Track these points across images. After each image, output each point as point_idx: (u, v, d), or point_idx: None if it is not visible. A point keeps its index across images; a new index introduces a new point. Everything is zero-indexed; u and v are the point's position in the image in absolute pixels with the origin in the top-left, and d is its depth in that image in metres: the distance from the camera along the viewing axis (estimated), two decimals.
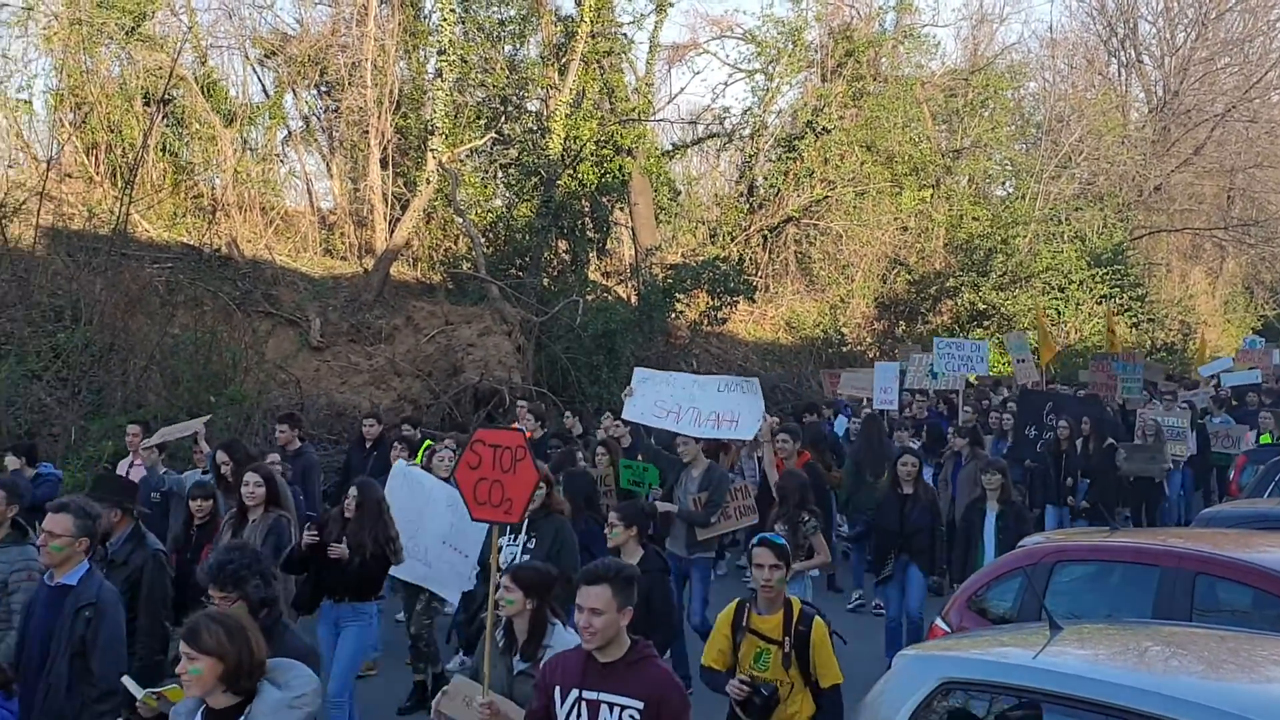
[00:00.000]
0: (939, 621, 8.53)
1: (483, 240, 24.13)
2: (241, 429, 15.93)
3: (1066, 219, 36.21)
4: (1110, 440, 15.62)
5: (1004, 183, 38.92)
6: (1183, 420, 17.50)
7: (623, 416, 12.07)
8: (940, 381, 20.25)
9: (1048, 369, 24.06)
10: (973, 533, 10.84)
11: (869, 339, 32.43)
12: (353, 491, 8.60)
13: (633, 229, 28.96)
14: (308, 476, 11.99)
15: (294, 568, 8.44)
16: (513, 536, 8.30)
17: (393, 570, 8.89)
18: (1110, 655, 5.75)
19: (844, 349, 30.84)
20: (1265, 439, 17.72)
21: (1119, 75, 46.64)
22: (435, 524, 9.40)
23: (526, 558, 7.93)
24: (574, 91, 24.82)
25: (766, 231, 31.95)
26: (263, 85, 25.78)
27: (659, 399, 11.19)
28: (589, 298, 23.62)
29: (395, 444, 12.84)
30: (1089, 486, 15.28)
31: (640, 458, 11.87)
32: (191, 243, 21.11)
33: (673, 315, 26.78)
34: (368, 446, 13.49)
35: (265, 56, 25.15)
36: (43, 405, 15.01)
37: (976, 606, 8.35)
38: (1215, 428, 19.17)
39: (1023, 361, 22.33)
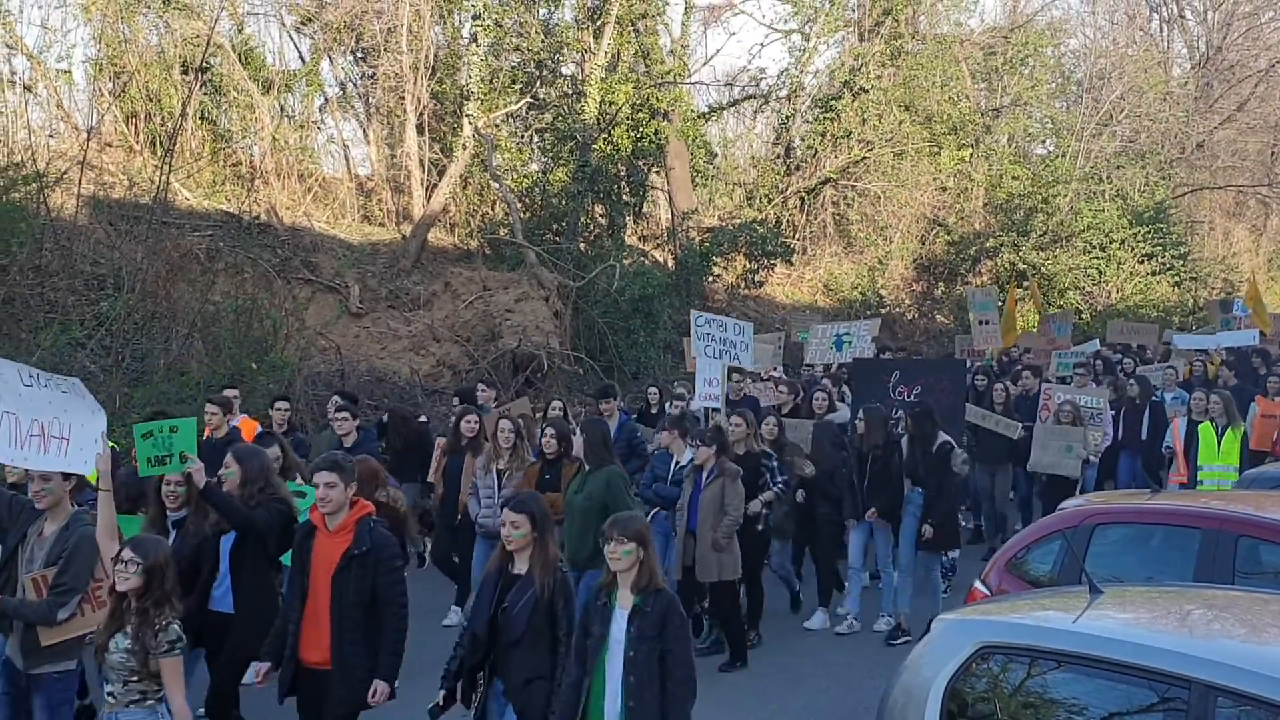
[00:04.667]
0: (978, 584, 8.53)
1: (519, 205, 24.14)
2: (283, 395, 16.06)
3: (1108, 177, 35.78)
4: (946, 439, 11.35)
5: (1044, 141, 38.51)
6: (1100, 400, 14.63)
7: None
8: (846, 353, 16.86)
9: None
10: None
11: (908, 300, 32.28)
12: None
13: (669, 192, 28.89)
14: None
15: None
16: None
17: None
18: (1151, 619, 5.73)
19: (882, 310, 30.70)
20: (1206, 431, 12.56)
21: (1161, 31, 46.02)
22: None
23: None
24: (609, 55, 24.72)
25: (804, 193, 31.75)
26: (299, 52, 25.85)
27: None
28: (626, 262, 23.61)
29: None
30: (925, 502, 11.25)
31: None
32: (231, 210, 21.24)
33: (710, 279, 26.78)
34: None
35: (301, 23, 25.17)
36: (87, 373, 15.15)
37: (1016, 569, 8.34)
38: (1171, 407, 15.50)
39: (985, 324, 19.92)
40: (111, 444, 7.20)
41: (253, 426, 11.52)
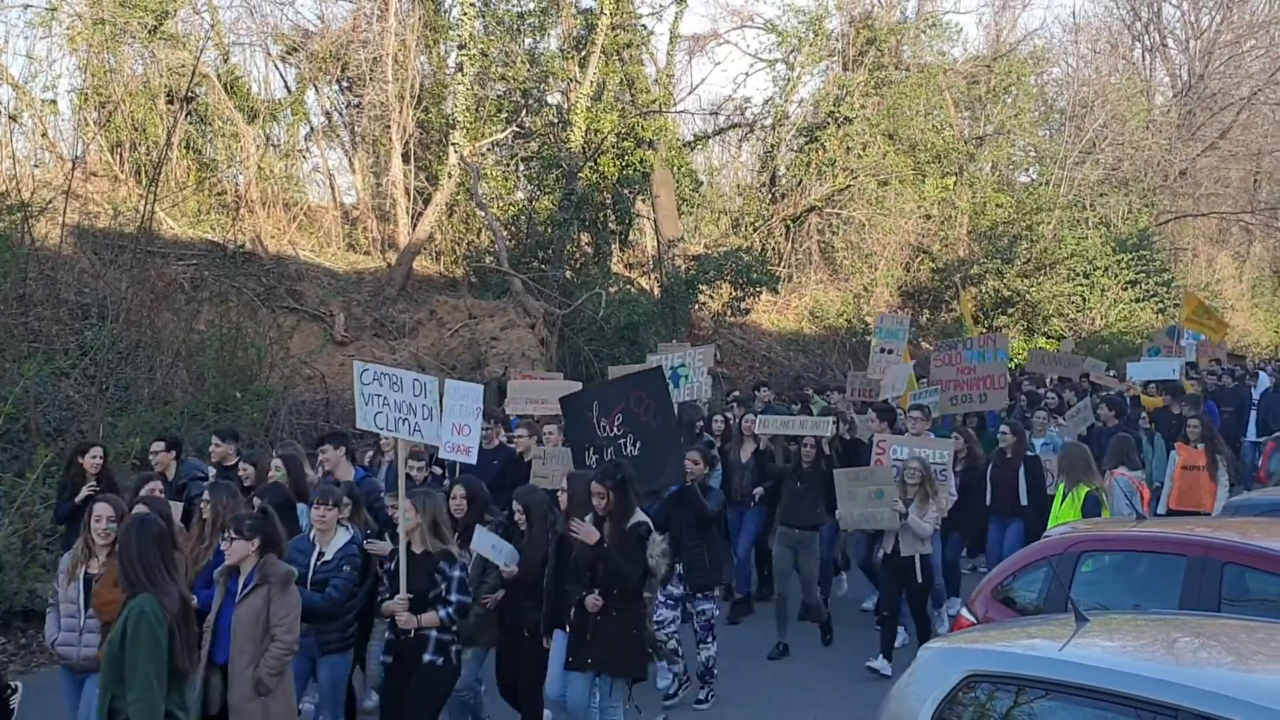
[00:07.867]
0: (964, 612, 8.50)
1: (505, 234, 24.18)
2: (267, 424, 16.00)
3: (1091, 205, 36.06)
4: (643, 520, 7.90)
5: (1028, 169, 38.77)
6: (944, 454, 11.49)
7: None
8: (684, 390, 13.98)
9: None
10: None
11: None
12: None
13: (655, 221, 28.94)
14: None
15: None
16: None
17: None
18: (1138, 647, 5.72)
19: (868, 338, 30.73)
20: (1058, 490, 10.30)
21: (1143, 60, 46.42)
22: None
23: None
24: (594, 84, 24.82)
25: (789, 221, 31.86)
26: (285, 82, 25.90)
27: None
28: (612, 290, 23.63)
29: None
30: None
31: None
32: (216, 239, 21.21)
33: (696, 306, 26.81)
34: None
35: (287, 53, 25.22)
36: (71, 402, 15.08)
37: (1002, 596, 8.31)
38: (1043, 454, 12.90)
39: (888, 352, 16.68)
40: None
41: None
